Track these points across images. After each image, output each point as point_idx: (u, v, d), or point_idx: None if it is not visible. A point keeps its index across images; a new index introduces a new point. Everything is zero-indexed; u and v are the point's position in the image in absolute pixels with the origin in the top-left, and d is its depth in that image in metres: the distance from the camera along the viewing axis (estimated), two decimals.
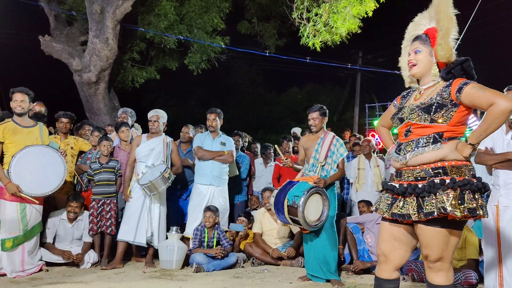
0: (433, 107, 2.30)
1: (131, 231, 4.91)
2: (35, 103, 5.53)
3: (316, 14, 7.23)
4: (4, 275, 4.28)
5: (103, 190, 5.14)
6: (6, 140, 4.32)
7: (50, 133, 5.24)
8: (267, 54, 10.90)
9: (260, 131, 16.85)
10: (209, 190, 5.32)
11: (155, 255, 5.08)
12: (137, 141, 5.17)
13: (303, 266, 4.90)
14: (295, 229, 5.36)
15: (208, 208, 5.12)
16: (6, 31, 12.10)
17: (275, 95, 21.12)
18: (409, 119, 2.41)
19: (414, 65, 2.48)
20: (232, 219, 5.91)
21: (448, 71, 2.38)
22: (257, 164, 6.83)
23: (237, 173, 6.06)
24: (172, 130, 6.68)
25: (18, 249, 4.34)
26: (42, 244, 4.78)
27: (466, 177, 2.21)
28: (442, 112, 2.28)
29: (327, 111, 4.65)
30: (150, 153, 5.07)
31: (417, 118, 2.36)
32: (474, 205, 2.14)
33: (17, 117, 4.44)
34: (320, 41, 7.26)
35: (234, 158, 5.56)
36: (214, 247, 5.07)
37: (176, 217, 5.66)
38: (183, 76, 11.79)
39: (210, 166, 5.32)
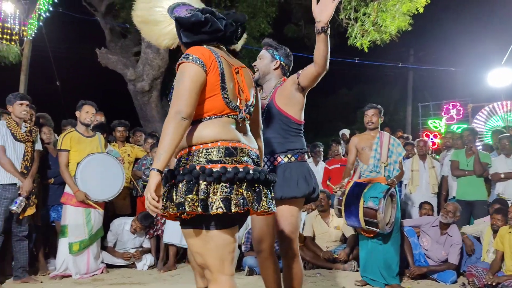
0: None
1: (176, 234, 4.99)
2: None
3: (364, 14, 7.10)
4: (69, 276, 4.54)
5: None
6: (71, 148, 4.58)
7: (109, 142, 5.50)
8: None
9: (309, 134, 16.76)
10: None
11: None
12: None
13: (357, 271, 4.81)
14: (348, 232, 5.28)
15: None
16: (65, 46, 12.85)
17: (324, 97, 20.89)
18: None
19: None
20: None
21: None
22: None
23: None
24: None
25: (84, 252, 4.58)
26: (104, 247, 5.02)
27: None
28: None
29: (383, 111, 4.59)
30: None
31: None
32: None
33: (81, 127, 4.70)
34: (369, 41, 7.11)
35: None
36: None
37: None
38: None
39: None
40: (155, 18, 2.18)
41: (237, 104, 1.95)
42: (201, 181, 1.78)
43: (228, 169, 1.79)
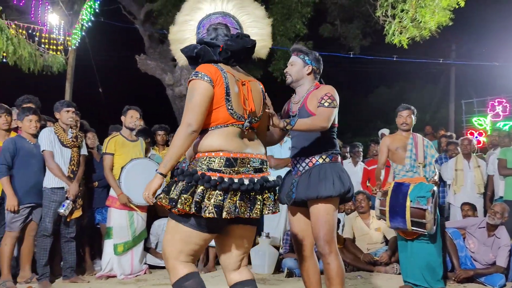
0: None
1: None
2: None
3: (402, 10, 6.93)
4: (115, 276, 4.69)
5: None
6: (116, 152, 4.74)
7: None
8: (351, 56, 10.69)
9: (347, 134, 16.53)
10: None
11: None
12: None
13: (399, 273, 4.70)
14: (390, 234, 5.17)
15: None
16: (107, 54, 13.32)
17: (362, 96, 20.56)
18: None
19: None
20: None
21: None
22: (345, 165, 6.69)
23: None
24: None
25: (128, 254, 4.72)
26: (147, 249, 5.15)
27: None
28: None
29: (416, 112, 4.50)
30: None
31: None
32: None
33: (125, 131, 4.86)
34: (407, 38, 6.94)
35: None
36: None
37: (262, 222, 5.73)
38: (267, 84, 11.99)
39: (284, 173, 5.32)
40: (182, 36, 2.34)
41: (242, 114, 2.12)
42: (199, 185, 1.98)
43: (224, 179, 1.98)
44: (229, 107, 2.08)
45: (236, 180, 1.99)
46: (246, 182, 2.02)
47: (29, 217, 4.31)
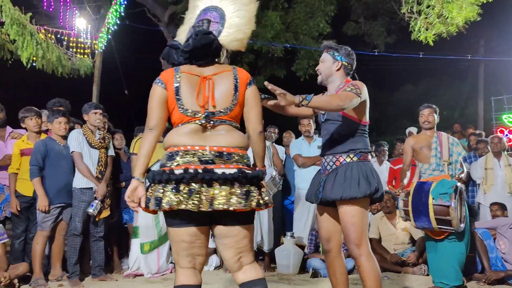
0: None
1: None
2: None
3: (428, 6, 6.81)
4: (142, 275, 4.77)
5: None
6: None
7: None
8: (376, 54, 10.54)
9: (372, 133, 16.33)
10: None
11: (272, 259, 5.22)
12: None
13: (427, 274, 4.61)
14: (417, 234, 5.08)
15: None
16: (132, 56, 13.55)
17: (388, 95, 20.25)
18: None
19: None
20: None
21: None
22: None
23: None
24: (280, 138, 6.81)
25: (154, 253, 4.78)
26: None
27: None
28: None
29: (438, 110, 4.44)
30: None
31: None
32: None
33: None
34: (434, 34, 6.80)
35: None
36: None
37: (290, 221, 5.73)
38: (291, 83, 11.97)
39: (313, 171, 5.30)
40: (186, 35, 2.35)
41: (198, 110, 2.15)
42: (149, 183, 2.11)
43: (158, 172, 2.06)
44: (180, 107, 2.15)
45: (167, 171, 2.03)
46: (177, 172, 2.01)
47: (60, 216, 4.43)
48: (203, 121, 2.14)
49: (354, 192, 2.67)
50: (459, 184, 3.92)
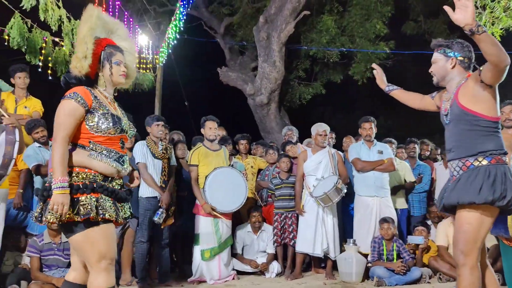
0: None
1: (308, 243, 5.07)
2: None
3: (493, 0, 6.45)
4: (204, 281, 4.87)
5: (284, 205, 5.43)
6: (200, 162, 4.94)
7: (231, 155, 5.82)
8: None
9: (436, 135, 15.59)
10: (375, 201, 5.14)
11: (334, 266, 5.13)
12: (303, 156, 5.35)
13: (502, 284, 4.31)
14: (490, 242, 4.77)
15: (384, 220, 4.96)
16: (191, 68, 13.98)
17: None
18: None
19: None
20: (409, 231, 5.60)
21: None
22: (436, 167, 6.31)
23: (403, 182, 5.74)
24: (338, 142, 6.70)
25: (215, 259, 4.88)
26: (234, 255, 5.30)
27: None
28: None
29: None
30: (318, 166, 5.19)
31: None
32: None
33: (207, 142, 5.05)
34: (501, 29, 6.42)
35: (395, 166, 5.27)
36: (394, 260, 4.87)
37: (351, 228, 5.61)
38: (348, 88, 11.76)
39: (372, 176, 5.15)
40: None
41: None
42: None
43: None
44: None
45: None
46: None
47: (127, 225, 4.65)
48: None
49: (472, 197, 2.46)
50: None
